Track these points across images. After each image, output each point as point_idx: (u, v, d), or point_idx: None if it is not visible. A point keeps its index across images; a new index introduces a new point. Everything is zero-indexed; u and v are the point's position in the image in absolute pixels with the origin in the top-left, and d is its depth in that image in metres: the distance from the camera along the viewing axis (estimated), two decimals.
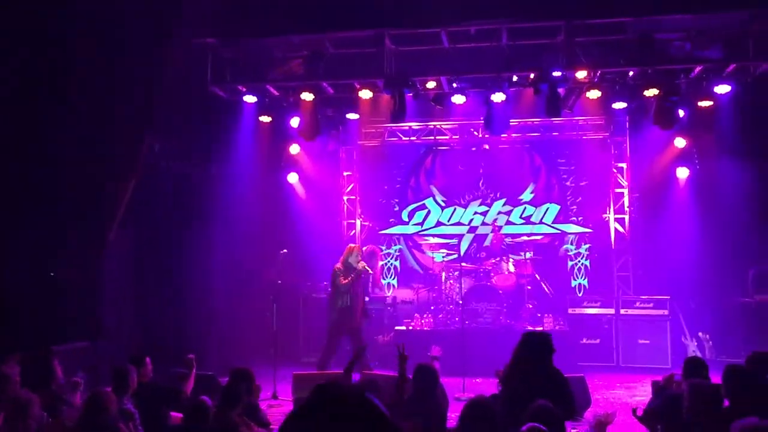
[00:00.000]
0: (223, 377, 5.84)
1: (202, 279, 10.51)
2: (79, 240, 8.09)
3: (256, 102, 9.84)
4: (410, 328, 10.34)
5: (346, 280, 8.65)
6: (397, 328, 10.45)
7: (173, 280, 10.02)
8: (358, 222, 12.26)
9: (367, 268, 8.90)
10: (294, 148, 11.46)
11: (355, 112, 10.42)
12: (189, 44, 8.57)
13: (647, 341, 9.90)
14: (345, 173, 12.34)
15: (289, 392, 7.63)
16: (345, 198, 12.30)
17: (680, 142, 10.72)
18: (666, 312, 9.97)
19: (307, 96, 9.58)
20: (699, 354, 9.31)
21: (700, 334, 10.03)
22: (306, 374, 7.69)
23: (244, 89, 9.70)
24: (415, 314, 10.56)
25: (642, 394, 7.93)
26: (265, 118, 10.11)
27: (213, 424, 4.63)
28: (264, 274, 10.28)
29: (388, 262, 12.27)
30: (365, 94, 9.58)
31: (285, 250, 9.19)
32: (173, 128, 9.33)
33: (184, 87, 9.15)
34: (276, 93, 10.01)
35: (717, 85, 8.97)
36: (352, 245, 9.60)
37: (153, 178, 9.37)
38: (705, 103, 9.30)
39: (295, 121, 10.16)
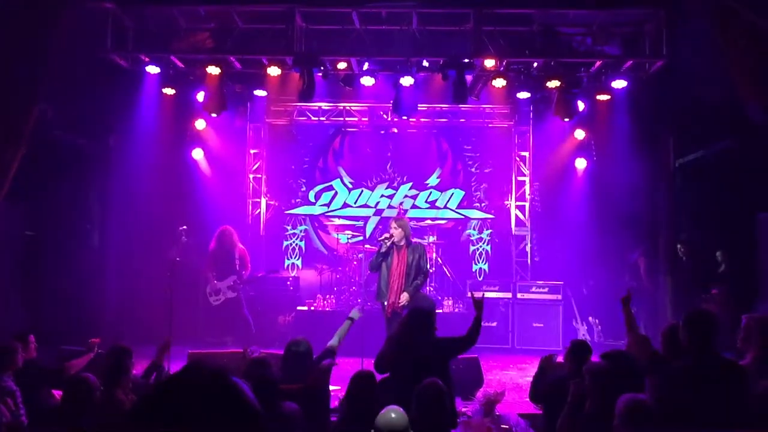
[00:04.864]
0: None
1: (99, 256, 10.14)
2: None
3: (159, 73, 9.49)
4: (312, 308, 10.33)
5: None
6: (299, 308, 10.41)
7: (67, 256, 9.60)
8: (263, 201, 12.09)
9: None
10: (200, 124, 11.15)
11: (264, 89, 10.23)
12: (87, 8, 8.16)
13: (541, 324, 10.27)
14: (252, 151, 12.12)
15: None
16: (251, 176, 12.09)
17: (580, 134, 11.13)
18: (559, 297, 10.38)
19: (213, 70, 9.32)
20: (588, 337, 9.76)
21: (590, 318, 10.51)
22: (202, 353, 7.55)
23: (147, 59, 9.33)
24: (318, 295, 10.55)
25: (533, 374, 8.22)
26: (169, 91, 9.77)
27: (98, 402, 4.48)
28: (164, 251, 9.99)
29: (293, 242, 12.18)
30: (274, 71, 9.40)
31: (185, 226, 8.94)
32: (69, 97, 8.87)
33: (83, 54, 8.70)
34: (181, 65, 9.69)
35: (614, 80, 9.35)
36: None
37: (46, 148, 8.91)
38: (603, 97, 9.67)
39: (200, 96, 9.89)
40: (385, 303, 7.73)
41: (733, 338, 4.94)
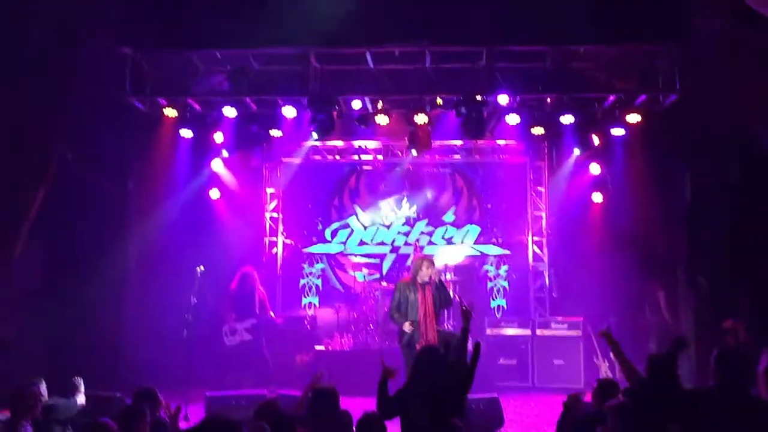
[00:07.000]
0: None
1: (117, 296, 10.17)
2: None
3: (177, 116, 9.66)
4: (330, 348, 10.27)
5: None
6: (317, 347, 10.35)
7: (85, 297, 9.63)
8: (280, 240, 12.13)
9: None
10: (216, 164, 11.27)
11: (279, 129, 10.34)
12: (105, 52, 8.36)
13: (561, 361, 10.11)
14: (268, 190, 12.21)
15: (204, 414, 7.43)
16: (267, 215, 12.16)
17: (595, 168, 11.10)
18: (579, 333, 10.23)
19: (230, 111, 9.49)
20: (609, 374, 9.60)
21: (611, 354, 10.33)
22: (219, 395, 7.51)
23: (165, 102, 9.52)
24: (335, 333, 10.50)
25: (555, 414, 8.07)
26: (187, 132, 9.93)
27: None
28: (182, 292, 10.00)
29: (310, 281, 12.17)
30: (289, 111, 9.54)
31: (202, 267, 8.97)
32: (89, 139, 9.05)
33: (102, 96, 8.91)
34: (198, 107, 9.86)
35: (628, 115, 9.36)
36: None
37: (67, 190, 9.05)
38: (617, 131, 9.67)
39: (218, 137, 10.04)
40: (416, 344, 7.56)
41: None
